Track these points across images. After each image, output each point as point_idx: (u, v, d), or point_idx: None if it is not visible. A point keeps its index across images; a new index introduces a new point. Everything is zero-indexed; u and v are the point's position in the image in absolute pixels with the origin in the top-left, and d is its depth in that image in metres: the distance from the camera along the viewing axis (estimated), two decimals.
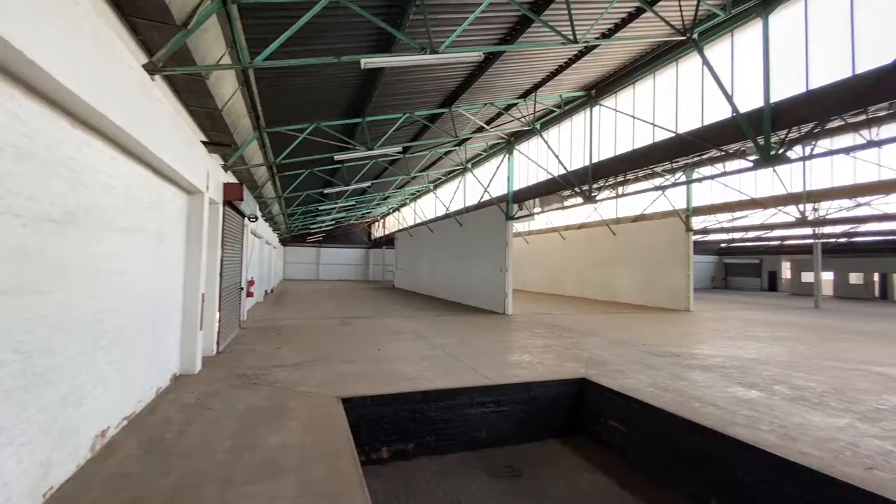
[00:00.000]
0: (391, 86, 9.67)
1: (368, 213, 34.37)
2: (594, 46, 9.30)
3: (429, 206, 26.50)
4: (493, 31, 8.11)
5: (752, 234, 26.07)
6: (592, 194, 12.73)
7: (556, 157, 13.26)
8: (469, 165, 19.22)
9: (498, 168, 17.28)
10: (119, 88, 3.58)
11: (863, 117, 10.16)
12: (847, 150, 8.87)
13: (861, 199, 17.12)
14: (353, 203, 25.70)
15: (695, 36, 7.55)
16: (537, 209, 18.85)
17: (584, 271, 23.52)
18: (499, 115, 13.14)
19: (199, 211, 6.49)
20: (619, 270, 21.10)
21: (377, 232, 44.32)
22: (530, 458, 5.92)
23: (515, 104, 12.38)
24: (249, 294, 12.60)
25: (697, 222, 20.61)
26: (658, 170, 15.90)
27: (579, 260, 23.96)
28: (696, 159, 14.41)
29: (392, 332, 10.56)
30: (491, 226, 16.85)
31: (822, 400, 5.66)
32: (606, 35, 8.62)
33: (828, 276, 30.45)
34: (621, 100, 11.72)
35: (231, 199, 8.20)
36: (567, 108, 13.07)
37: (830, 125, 10.14)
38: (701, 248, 35.64)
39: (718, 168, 15.58)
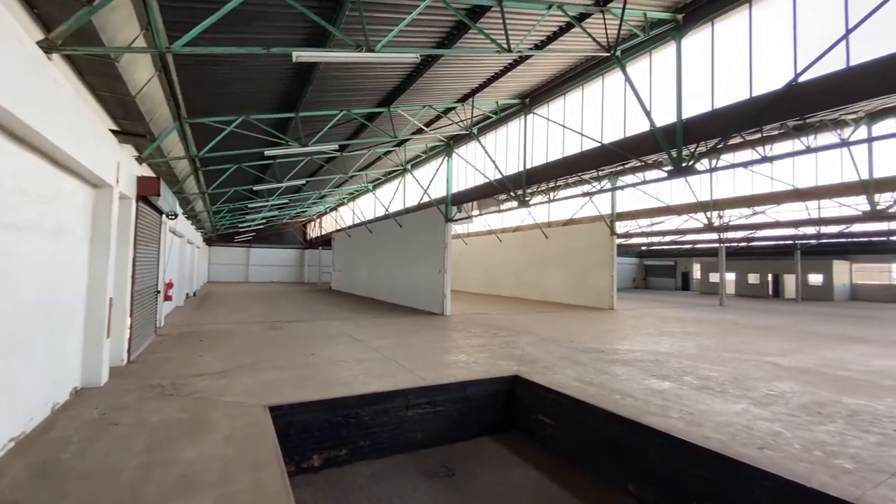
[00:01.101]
0: (327, 81, 9.40)
1: (303, 212, 33.12)
2: (528, 56, 9.67)
3: (368, 206, 26.08)
4: (431, 33, 8.16)
5: (668, 238, 28.52)
6: (526, 199, 13.23)
7: (493, 161, 13.61)
8: (409, 166, 19.18)
9: (437, 170, 17.40)
10: (4, 64, 3.14)
11: (758, 135, 11.48)
12: (745, 164, 9.97)
13: (757, 208, 19.33)
14: (287, 201, 24.63)
15: (618, 53, 8.12)
16: (475, 212, 19.24)
17: (520, 272, 24.35)
18: (438, 117, 13.24)
19: (108, 207, 5.87)
20: (551, 272, 22.09)
21: (313, 232, 42.81)
22: (465, 456, 6.01)
23: (454, 108, 12.55)
24: (167, 298, 11.62)
25: (621, 227, 22.10)
26: (586, 177, 16.88)
27: (515, 261, 24.77)
28: (619, 168, 15.46)
29: (327, 336, 10.25)
30: (430, 227, 16.92)
31: (724, 388, 6.30)
32: (539, 46, 9.00)
33: (731, 277, 34.01)
34: (553, 109, 12.29)
35: (146, 193, 7.52)
36: (503, 115, 13.48)
37: (732, 141, 11.35)
38: (624, 250, 38.39)
39: (639, 177, 16.83)
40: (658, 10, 8.04)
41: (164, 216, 9.92)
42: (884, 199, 13.15)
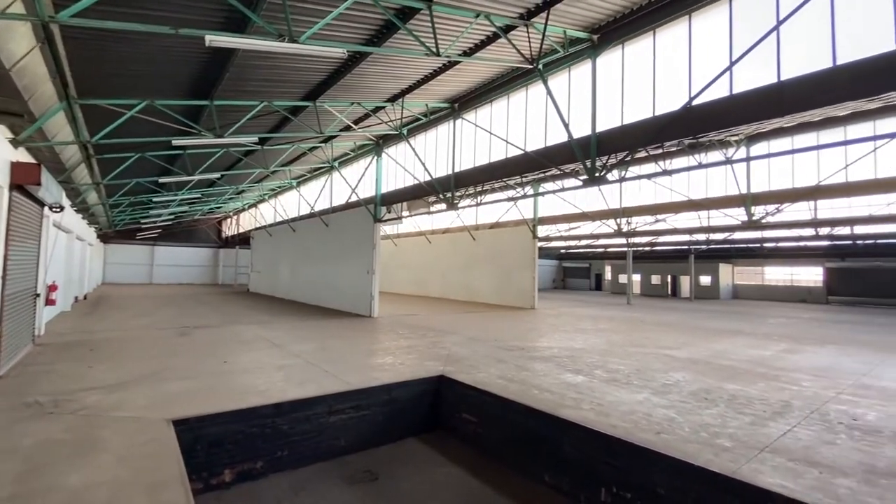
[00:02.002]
0: (246, 70, 8.83)
1: (218, 207, 30.76)
2: (457, 62, 9.85)
3: (291, 204, 24.87)
4: (359, 30, 8.01)
5: (583, 242, 30.65)
6: (455, 201, 13.46)
7: (423, 163, 13.68)
8: (336, 164, 18.62)
9: (366, 169, 17.09)
10: None
11: (660, 151, 12.73)
12: (649, 176, 10.98)
13: (659, 216, 21.46)
14: (199, 196, 22.71)
15: (540, 66, 8.56)
16: (405, 213, 19.18)
17: (448, 273, 24.70)
18: (367, 115, 13.01)
19: None
20: (478, 273, 22.68)
21: (229, 230, 39.89)
22: (389, 459, 5.95)
23: (384, 107, 12.41)
24: (50, 302, 10.17)
25: (542, 231, 23.32)
26: (511, 182, 17.57)
27: (444, 263, 25.08)
28: (541, 175, 16.29)
29: (242, 342, 9.60)
30: (358, 227, 16.57)
31: (629, 380, 6.89)
32: (468, 53, 9.21)
33: (637, 278, 37.33)
34: (481, 115, 12.64)
35: (23, 182, 6.53)
36: (433, 118, 13.59)
37: (638, 155, 12.45)
38: (545, 253, 40.57)
39: (559, 184, 17.87)
40: (576, 28, 8.61)
41: (46, 209, 8.66)
42: (758, 211, 15.23)
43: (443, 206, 17.08)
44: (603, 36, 8.79)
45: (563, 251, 42.86)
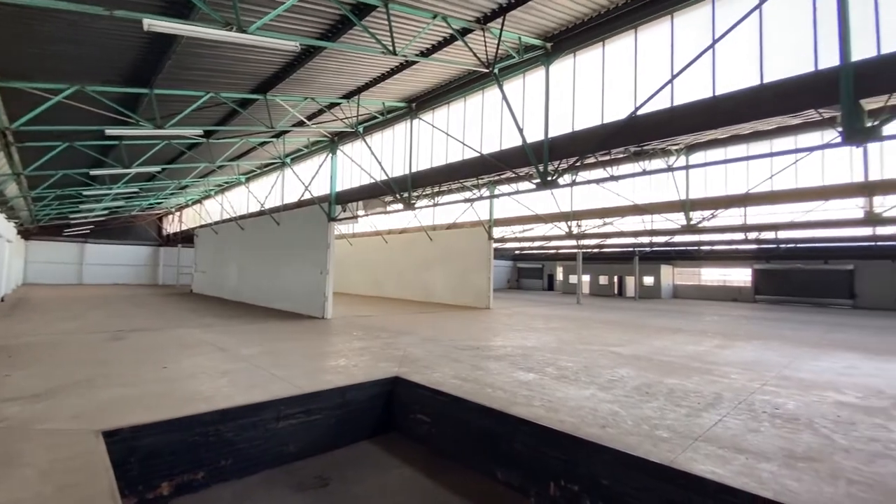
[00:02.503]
0: (190, 58, 8.37)
1: (159, 203, 28.92)
2: (414, 62, 9.83)
3: (240, 201, 23.80)
4: (314, 23, 7.80)
5: (537, 244, 31.53)
6: (412, 201, 13.42)
7: (379, 162, 13.53)
8: (288, 160, 18.03)
9: (321, 167, 16.67)
10: None
11: (608, 157, 13.32)
12: (598, 181, 11.45)
13: (607, 219, 22.46)
14: (136, 190, 21.25)
15: (496, 70, 8.72)
16: (361, 212, 18.90)
17: (405, 274, 24.58)
18: (321, 111, 12.71)
19: None
20: (434, 273, 22.73)
21: (171, 227, 37.56)
22: (341, 463, 5.84)
23: (339, 104, 12.17)
24: None
25: (498, 232, 23.74)
26: (468, 184, 17.78)
27: (400, 263, 24.93)
28: (496, 178, 16.58)
29: (185, 346, 9.08)
30: (312, 226, 16.13)
31: (577, 376, 7.16)
32: (425, 54, 9.22)
33: (586, 278, 38.86)
34: (438, 116, 12.69)
35: None
36: (389, 117, 13.48)
37: (588, 161, 12.97)
38: (500, 254, 41.36)
39: (514, 187, 18.25)
40: (531, 35, 8.84)
41: None
42: (696, 216, 16.29)
43: (399, 206, 16.99)
44: (556, 44, 9.08)
45: (517, 252, 43.88)
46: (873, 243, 24.31)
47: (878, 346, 11.39)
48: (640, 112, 7.58)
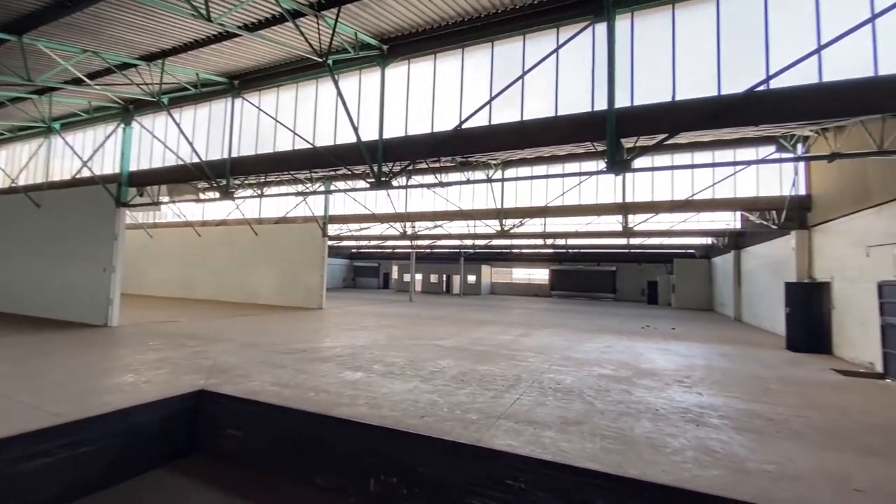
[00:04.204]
0: None
1: None
2: (236, 35, 8.80)
3: None
4: None
5: (373, 242, 31.75)
6: (232, 190, 11.99)
7: (190, 142, 11.70)
8: (57, 126, 14.14)
9: (108, 138, 13.54)
10: None
11: (438, 164, 14.20)
12: (428, 186, 12.13)
13: (438, 222, 24.01)
14: None
15: (330, 62, 8.44)
16: (165, 198, 16.08)
17: (223, 272, 21.84)
18: (109, 71, 10.34)
19: None
20: (260, 272, 20.80)
21: None
22: (125, 499, 4.82)
23: (136, 66, 10.09)
24: None
25: (333, 229, 23.06)
26: (301, 177, 16.79)
27: (217, 259, 22.05)
28: (332, 173, 16.08)
29: None
30: (92, 212, 12.99)
31: (403, 371, 7.43)
32: (250, 28, 8.35)
33: (419, 277, 40.84)
34: (267, 100, 11.62)
35: None
36: (205, 91, 11.76)
37: (420, 166, 13.59)
38: (336, 252, 40.30)
39: (350, 184, 17.99)
40: (367, 34, 8.83)
41: None
42: (508, 223, 18.67)
43: (216, 194, 15.01)
44: (392, 48, 9.27)
45: (354, 250, 43.43)
46: (628, 250, 31.71)
47: (628, 330, 14.90)
48: (464, 126, 8.29)
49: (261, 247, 20.81)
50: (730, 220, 17.13)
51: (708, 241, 23.89)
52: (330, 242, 23.96)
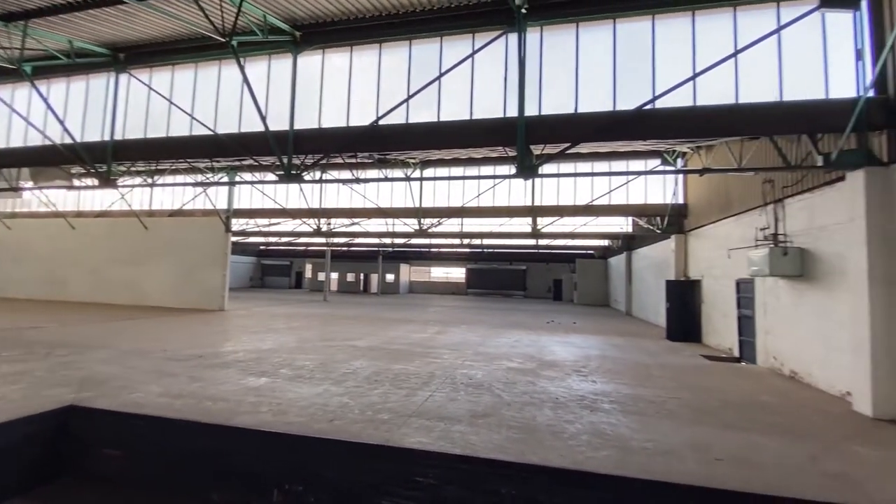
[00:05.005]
0: None
1: None
2: (121, 1, 7.77)
3: None
4: None
5: (284, 239, 30.03)
6: (114, 177, 10.58)
7: (60, 120, 10.09)
8: None
9: None
10: None
11: (355, 160, 13.87)
12: (344, 181, 11.78)
13: (355, 219, 23.42)
14: None
15: (234, 43, 7.81)
16: (27, 183, 13.78)
17: (104, 270, 19.21)
18: None
19: None
20: (150, 270, 18.64)
21: None
22: None
23: None
24: None
25: (238, 224, 21.42)
26: (201, 166, 15.37)
27: (96, 256, 19.34)
28: (237, 163, 14.96)
29: None
30: None
31: (312, 374, 7.12)
32: None
33: (335, 276, 39.52)
34: (160, 79, 10.42)
35: None
36: (82, 62, 10.22)
37: (336, 160, 13.17)
38: (241, 249, 37.45)
39: (259, 176, 16.86)
40: (277, 17, 8.32)
41: None
42: (426, 222, 18.82)
43: (95, 181, 13.16)
44: (306, 35, 8.84)
45: (262, 248, 40.74)
46: (537, 250, 33.66)
47: (535, 325, 15.83)
48: (381, 122, 8.18)
49: (152, 242, 18.64)
50: (623, 224, 19.00)
51: (605, 242, 26.24)
52: (234, 238, 22.25)
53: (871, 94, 5.98)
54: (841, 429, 5.23)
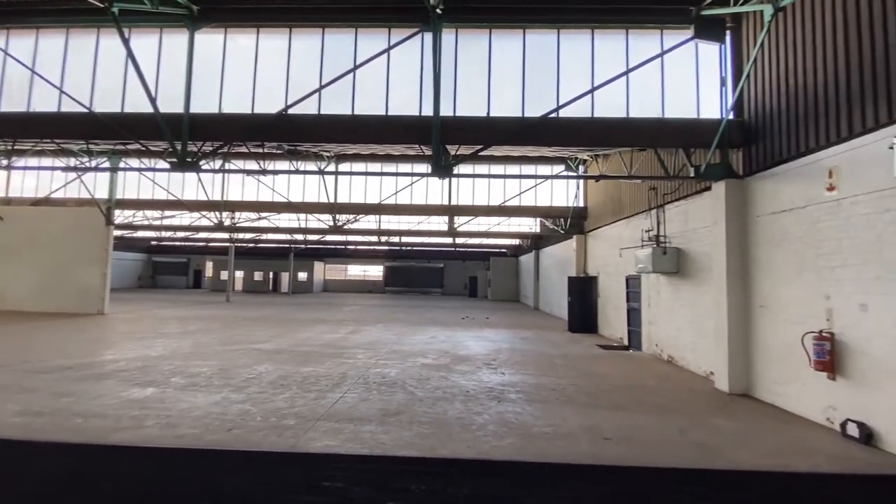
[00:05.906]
0: None
1: None
2: None
3: None
4: None
5: (180, 234, 27.15)
6: None
7: None
8: None
9: None
10: None
11: (262, 150, 13.01)
12: (250, 172, 10.99)
13: (263, 214, 21.94)
14: None
15: (115, 10, 6.86)
16: None
17: None
18: None
19: None
20: (8, 268, 15.76)
21: None
22: None
23: None
24: None
25: (123, 216, 18.97)
26: (74, 148, 13.36)
27: None
28: (122, 147, 13.23)
29: None
30: None
31: (210, 381, 6.55)
32: None
33: (240, 274, 36.70)
34: (19, 43, 8.80)
35: None
36: None
37: (240, 149, 12.22)
38: (127, 244, 33.18)
39: (148, 163, 15.10)
40: None
41: None
42: (342, 219, 18.27)
43: None
44: (205, 11, 8.04)
45: (154, 243, 36.44)
46: (454, 248, 34.43)
47: (451, 321, 16.17)
48: (291, 111, 7.74)
49: (10, 235, 15.75)
50: (532, 225, 20.17)
51: (517, 242, 27.64)
52: (118, 232, 19.70)
53: (731, 116, 7.01)
54: (705, 404, 6.06)
